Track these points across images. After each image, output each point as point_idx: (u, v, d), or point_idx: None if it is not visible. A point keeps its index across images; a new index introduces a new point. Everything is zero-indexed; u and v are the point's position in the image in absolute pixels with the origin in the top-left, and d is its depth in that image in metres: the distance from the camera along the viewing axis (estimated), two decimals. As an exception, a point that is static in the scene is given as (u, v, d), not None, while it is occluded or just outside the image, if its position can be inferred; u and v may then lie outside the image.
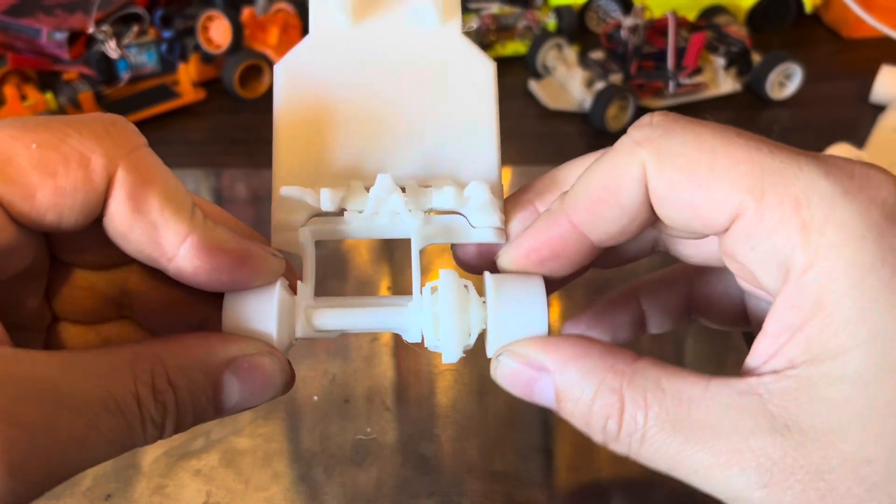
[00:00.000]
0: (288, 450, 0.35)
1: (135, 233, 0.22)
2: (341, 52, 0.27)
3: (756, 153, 0.22)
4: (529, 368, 0.24)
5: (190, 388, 0.22)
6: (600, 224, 0.25)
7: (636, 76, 0.61)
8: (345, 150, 0.26)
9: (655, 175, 0.23)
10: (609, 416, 0.23)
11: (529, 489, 0.34)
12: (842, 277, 0.20)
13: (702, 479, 0.22)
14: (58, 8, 0.66)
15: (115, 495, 0.34)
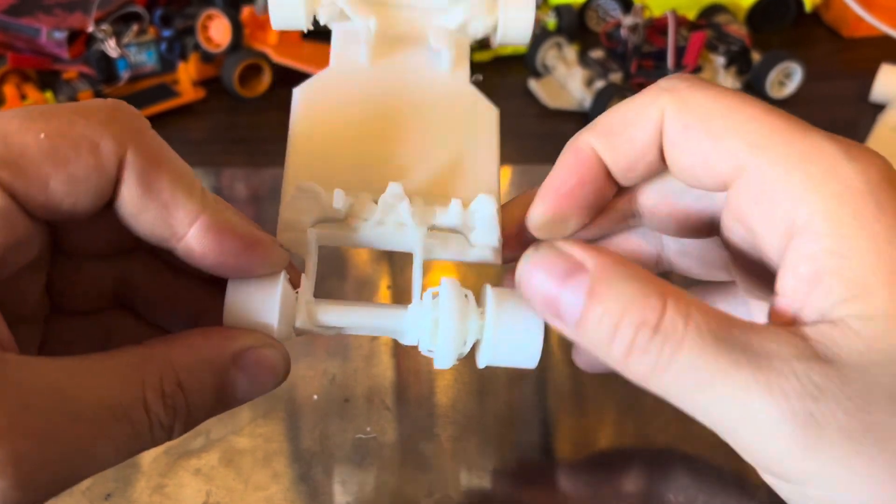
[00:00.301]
0: (288, 449, 0.36)
1: (147, 214, 0.22)
2: (358, 83, 0.29)
3: (768, 115, 0.23)
4: (566, 266, 0.22)
5: (199, 388, 0.22)
6: (612, 154, 0.25)
7: (636, 75, 0.61)
8: (355, 166, 0.27)
9: (672, 118, 0.24)
10: (646, 320, 0.21)
11: (529, 488, 0.34)
12: (852, 224, 0.21)
13: (734, 406, 0.20)
14: (57, 7, 0.66)
15: (115, 495, 0.34)
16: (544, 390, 0.38)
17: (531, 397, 0.38)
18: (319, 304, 0.25)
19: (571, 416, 0.37)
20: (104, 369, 0.20)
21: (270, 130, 0.61)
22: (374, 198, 0.26)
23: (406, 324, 0.25)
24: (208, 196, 0.23)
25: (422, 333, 0.25)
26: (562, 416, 0.37)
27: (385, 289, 0.45)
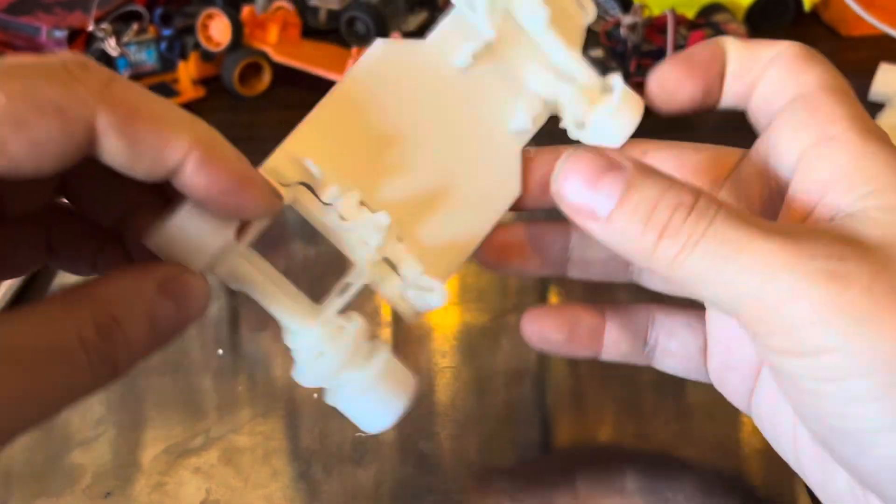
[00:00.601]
0: (287, 448, 0.36)
1: (139, 164, 0.21)
2: (431, 77, 0.28)
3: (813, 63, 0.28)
4: (604, 159, 0.23)
5: (131, 318, 0.22)
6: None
7: (635, 74, 0.61)
8: (367, 158, 0.27)
9: (735, 49, 0.27)
10: (680, 203, 0.22)
11: (529, 486, 0.34)
12: (881, 135, 0.23)
13: (760, 271, 0.21)
14: (57, 6, 0.66)
15: (115, 493, 0.34)
16: (543, 389, 0.38)
17: (530, 396, 0.38)
18: (249, 259, 0.25)
19: (570, 415, 0.37)
20: (36, 316, 0.20)
21: (270, 129, 0.61)
22: (361, 198, 0.26)
23: (300, 333, 0.26)
24: (200, 128, 0.22)
25: (306, 352, 0.26)
26: (561, 414, 0.37)
27: (384, 287, 0.45)
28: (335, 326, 0.26)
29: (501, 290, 0.45)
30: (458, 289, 0.45)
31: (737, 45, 0.27)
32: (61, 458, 0.35)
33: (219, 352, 0.40)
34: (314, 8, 0.73)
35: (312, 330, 0.26)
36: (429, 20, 0.77)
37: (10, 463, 0.35)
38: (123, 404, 0.38)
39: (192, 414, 0.37)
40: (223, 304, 0.44)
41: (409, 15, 0.76)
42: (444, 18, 0.27)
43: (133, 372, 0.40)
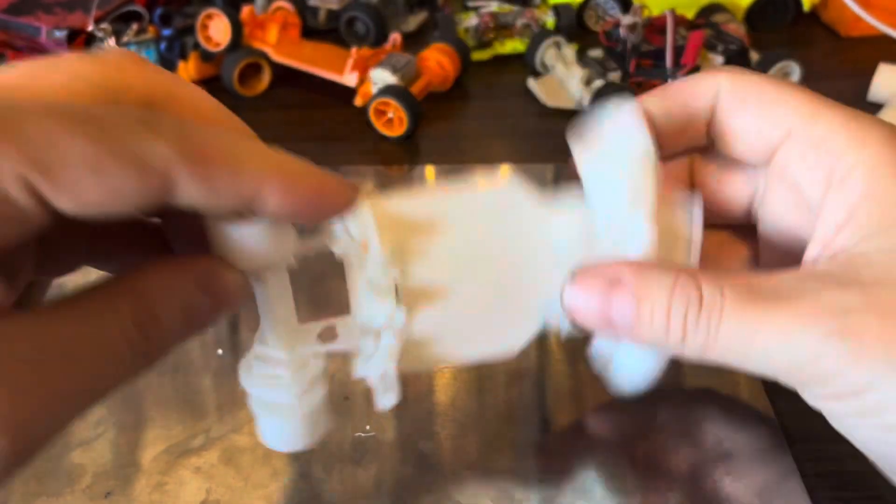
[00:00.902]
0: (287, 447, 0.36)
1: (215, 204, 0.22)
2: (528, 221, 0.29)
3: (812, 94, 0.27)
4: (606, 284, 0.25)
5: (170, 313, 0.22)
6: (666, 117, 0.28)
7: (635, 74, 0.61)
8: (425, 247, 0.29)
9: (728, 92, 0.28)
10: (690, 300, 0.24)
11: (529, 486, 0.34)
12: (885, 171, 0.24)
13: (782, 343, 0.23)
14: (57, 6, 0.66)
15: (115, 493, 0.34)
16: (543, 389, 0.38)
17: (530, 396, 0.38)
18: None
19: (571, 415, 0.37)
20: (80, 310, 0.21)
21: (270, 129, 0.61)
22: (396, 284, 0.28)
23: (271, 347, 0.28)
24: (269, 157, 0.23)
25: (265, 365, 0.28)
26: (561, 414, 0.37)
27: (384, 287, 0.45)
28: (301, 361, 0.28)
29: (501, 290, 0.45)
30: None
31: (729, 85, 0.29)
32: (61, 458, 0.35)
33: (218, 352, 0.41)
34: (314, 8, 0.73)
35: (282, 352, 0.28)
36: (428, 20, 0.77)
37: (11, 463, 0.35)
38: (123, 404, 0.38)
39: (192, 414, 0.37)
40: (223, 304, 0.44)
41: (408, 15, 0.76)
42: (570, 196, 0.29)
43: (133, 372, 0.40)
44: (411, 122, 0.58)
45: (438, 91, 0.65)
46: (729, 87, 0.28)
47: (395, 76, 0.60)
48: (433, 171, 0.55)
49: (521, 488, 0.34)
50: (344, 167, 0.55)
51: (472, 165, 0.56)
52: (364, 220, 0.27)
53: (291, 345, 0.28)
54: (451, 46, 0.65)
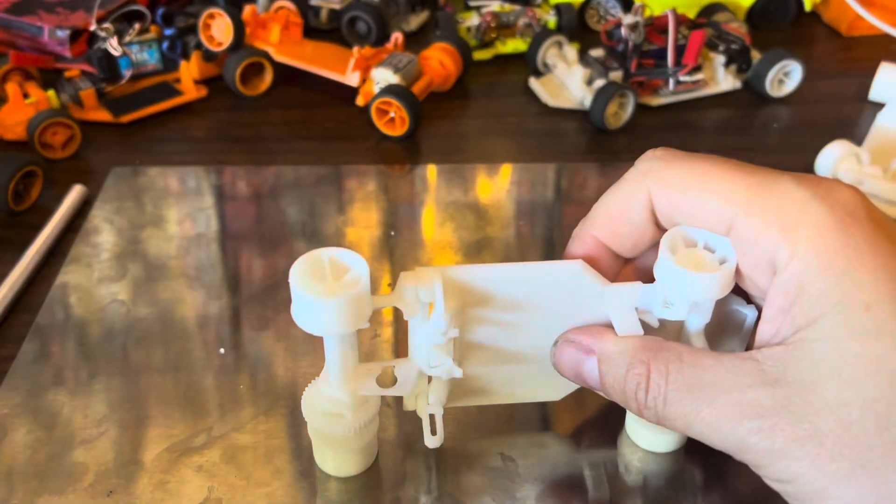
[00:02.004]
0: (289, 446, 0.36)
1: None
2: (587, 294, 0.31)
3: (740, 174, 0.27)
4: (579, 350, 0.30)
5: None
6: (619, 238, 0.31)
7: (636, 74, 0.61)
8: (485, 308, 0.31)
9: (658, 196, 0.29)
10: (639, 384, 0.28)
11: (529, 486, 0.34)
12: (815, 263, 0.25)
13: (713, 432, 0.26)
14: (59, 6, 0.66)
15: (117, 491, 0.34)
16: (544, 387, 0.38)
17: (531, 394, 0.38)
18: None
19: (571, 415, 0.37)
20: None
21: (272, 129, 0.61)
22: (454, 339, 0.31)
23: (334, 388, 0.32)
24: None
25: (329, 403, 0.32)
26: (562, 414, 0.37)
27: (386, 286, 0.45)
28: (361, 400, 0.32)
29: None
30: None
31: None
32: (63, 457, 0.35)
33: (220, 350, 0.41)
34: (316, 7, 0.73)
35: (346, 395, 0.32)
36: (430, 20, 0.77)
37: (12, 461, 0.35)
38: (125, 403, 0.38)
39: (194, 412, 0.37)
40: (224, 303, 0.44)
41: (410, 14, 0.76)
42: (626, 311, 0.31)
43: (134, 371, 0.40)
44: (413, 122, 0.58)
45: (440, 90, 0.65)
46: (658, 192, 0.29)
47: (397, 76, 0.60)
48: (434, 170, 0.55)
49: (521, 488, 0.34)
50: (345, 166, 0.56)
51: (473, 165, 0.56)
52: (433, 287, 0.29)
53: (354, 388, 0.31)
54: (453, 46, 0.65)
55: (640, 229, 0.30)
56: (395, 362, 0.32)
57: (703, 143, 0.59)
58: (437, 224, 0.50)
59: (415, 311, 0.30)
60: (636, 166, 0.30)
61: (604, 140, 0.59)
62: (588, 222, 0.32)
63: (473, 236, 0.49)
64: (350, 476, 0.34)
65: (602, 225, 0.31)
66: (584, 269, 0.30)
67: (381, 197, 0.53)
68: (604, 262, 0.31)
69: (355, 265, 0.29)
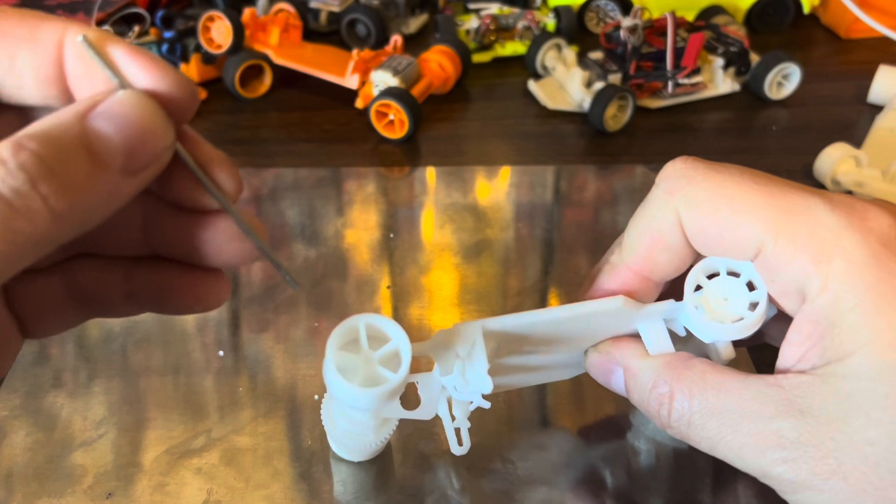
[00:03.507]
0: (288, 448, 0.36)
1: (18, 60, 0.21)
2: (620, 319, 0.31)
3: (769, 196, 0.26)
4: (609, 362, 0.31)
5: (50, 143, 0.19)
6: (658, 266, 0.29)
7: (635, 76, 0.61)
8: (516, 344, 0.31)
9: (687, 219, 0.28)
10: (662, 404, 0.28)
11: (529, 487, 0.34)
12: (848, 297, 0.24)
13: (736, 457, 0.26)
14: (59, 8, 0.66)
15: (116, 493, 0.34)
16: (544, 389, 0.38)
17: (531, 397, 0.38)
18: None
19: (571, 416, 0.37)
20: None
21: (271, 131, 0.61)
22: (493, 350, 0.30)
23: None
24: (67, 20, 0.21)
25: (355, 425, 0.32)
26: (561, 415, 0.37)
27: (385, 289, 0.45)
28: (384, 420, 0.32)
29: (501, 291, 0.45)
30: (458, 290, 0.45)
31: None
32: (63, 459, 0.35)
33: (220, 353, 0.41)
34: (315, 10, 0.73)
35: (370, 419, 0.32)
36: (429, 22, 0.77)
37: (12, 464, 0.35)
38: (125, 405, 0.38)
39: (193, 415, 0.37)
40: (224, 305, 0.44)
41: (409, 17, 0.76)
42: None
43: (134, 373, 0.40)
44: (412, 124, 0.58)
45: (439, 93, 0.65)
46: (688, 216, 0.28)
47: (396, 78, 0.60)
48: (434, 172, 0.56)
49: (521, 488, 0.34)
50: (345, 169, 0.56)
51: (472, 167, 0.56)
52: (472, 345, 0.29)
53: (378, 411, 0.31)
54: (452, 48, 0.65)
55: (680, 254, 0.29)
56: (419, 377, 0.31)
57: (702, 146, 0.59)
58: (437, 226, 0.50)
59: (450, 370, 0.30)
60: (659, 185, 0.29)
61: (603, 142, 0.59)
62: (622, 255, 0.30)
63: (472, 238, 0.49)
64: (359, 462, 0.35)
65: (639, 257, 0.30)
66: (626, 303, 0.29)
67: (381, 199, 0.53)
68: (644, 292, 0.30)
69: (394, 335, 0.28)
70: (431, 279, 0.46)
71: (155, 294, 0.25)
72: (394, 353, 0.28)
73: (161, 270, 0.25)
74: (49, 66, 0.21)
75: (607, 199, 0.53)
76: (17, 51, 0.21)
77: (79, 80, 0.21)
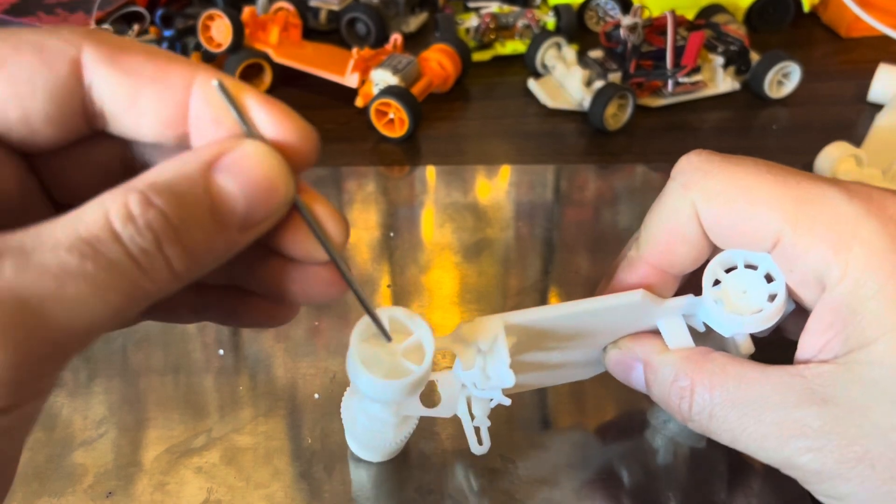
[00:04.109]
0: (289, 447, 0.36)
1: (143, 98, 0.19)
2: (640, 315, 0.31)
3: (785, 186, 0.26)
4: (629, 358, 0.31)
5: (176, 201, 0.18)
6: (676, 260, 0.29)
7: (635, 75, 0.61)
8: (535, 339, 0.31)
9: (704, 212, 0.28)
10: (682, 397, 0.28)
11: (529, 486, 0.34)
12: (869, 284, 0.24)
13: (759, 448, 0.26)
14: (58, 7, 0.66)
15: (117, 493, 0.34)
16: (544, 389, 0.38)
17: (531, 396, 0.38)
18: None
19: (571, 416, 0.37)
20: (64, 218, 0.18)
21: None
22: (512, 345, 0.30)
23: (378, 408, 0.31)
24: (191, 60, 0.21)
25: (373, 421, 0.32)
26: (561, 415, 0.37)
27: (385, 288, 0.45)
28: (403, 418, 0.32)
29: (501, 291, 0.45)
30: (459, 289, 0.45)
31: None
32: (63, 459, 0.35)
33: (220, 352, 0.41)
34: (315, 9, 0.73)
35: (391, 416, 0.31)
36: (429, 21, 0.77)
37: (13, 463, 0.35)
38: (125, 404, 0.38)
39: (193, 414, 0.37)
40: (224, 304, 0.44)
41: (409, 16, 0.76)
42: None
43: (134, 372, 0.40)
44: (412, 123, 0.58)
45: (439, 92, 0.65)
46: (704, 207, 0.28)
47: (396, 77, 0.60)
48: (434, 171, 0.55)
49: (521, 488, 0.34)
50: (345, 168, 0.56)
51: (472, 166, 0.56)
52: (494, 339, 0.29)
53: (397, 409, 0.31)
54: (452, 47, 0.65)
55: (698, 247, 0.29)
56: (438, 376, 0.32)
57: (703, 145, 0.58)
58: (437, 225, 0.50)
59: (471, 364, 0.30)
60: (675, 179, 0.29)
61: (603, 141, 0.59)
62: (640, 249, 0.30)
63: (472, 237, 0.49)
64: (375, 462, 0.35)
65: (657, 251, 0.30)
66: (645, 297, 0.29)
67: (381, 198, 0.53)
68: (663, 287, 0.30)
69: (417, 329, 0.28)
70: (432, 278, 0.46)
71: (224, 313, 0.25)
72: (417, 346, 0.28)
73: (236, 294, 0.24)
74: (173, 109, 0.20)
75: (607, 198, 0.53)
76: (141, 89, 0.20)
77: (201, 123, 0.20)
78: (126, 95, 0.20)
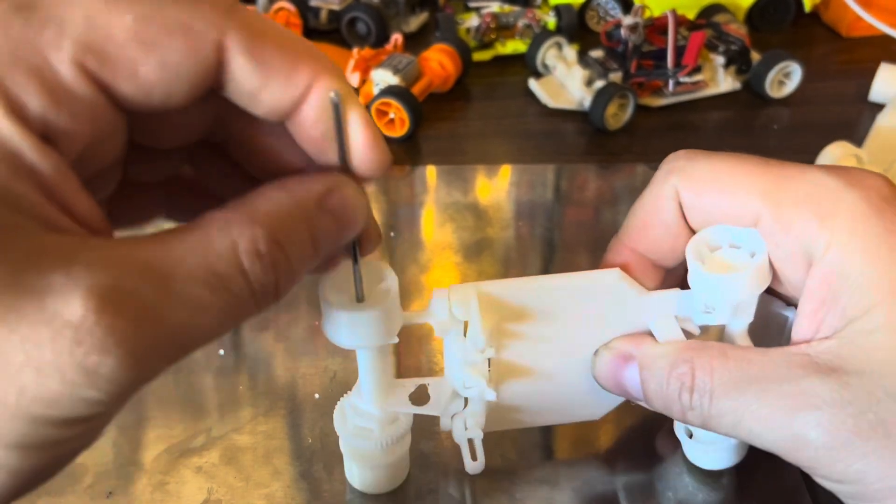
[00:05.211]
0: (289, 447, 0.36)
1: (267, 90, 0.20)
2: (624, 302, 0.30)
3: (766, 167, 0.27)
4: (620, 357, 0.29)
5: (294, 239, 0.20)
6: (653, 243, 0.29)
7: (636, 75, 0.61)
8: (520, 329, 0.30)
9: (685, 190, 0.28)
10: (683, 384, 0.26)
11: (529, 486, 0.34)
12: (858, 250, 0.24)
13: (764, 429, 0.25)
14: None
15: (116, 492, 0.34)
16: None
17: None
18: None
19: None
20: (193, 241, 0.19)
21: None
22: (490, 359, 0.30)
23: (366, 404, 0.31)
24: (326, 60, 0.21)
25: (359, 418, 0.31)
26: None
27: (385, 287, 0.45)
28: (392, 416, 0.31)
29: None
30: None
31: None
32: (63, 458, 0.35)
33: (220, 351, 0.41)
34: (315, 8, 0.73)
35: (376, 409, 0.31)
36: (430, 21, 0.77)
37: (12, 462, 0.35)
38: (125, 404, 0.38)
39: (193, 413, 0.37)
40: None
41: (410, 15, 0.76)
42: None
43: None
44: (412, 123, 0.58)
45: (439, 91, 0.65)
46: (684, 186, 0.28)
47: (397, 77, 0.60)
48: (434, 171, 0.55)
49: (521, 488, 0.34)
50: (345, 167, 0.55)
51: (473, 166, 0.56)
52: (468, 304, 0.29)
53: (385, 403, 0.31)
54: (453, 47, 0.65)
55: (674, 230, 0.29)
56: (430, 380, 0.32)
57: (703, 144, 0.59)
58: (437, 225, 0.50)
59: (446, 329, 0.29)
60: (661, 167, 0.29)
61: (603, 141, 0.59)
62: (621, 232, 0.31)
63: (473, 237, 0.49)
64: (377, 493, 0.34)
65: (635, 233, 0.30)
66: (622, 278, 0.29)
67: (381, 198, 0.53)
68: (642, 273, 0.30)
69: (385, 277, 0.28)
70: (432, 278, 0.46)
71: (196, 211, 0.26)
72: (386, 292, 0.28)
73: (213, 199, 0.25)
74: (289, 105, 0.21)
75: (608, 197, 0.53)
76: (269, 82, 0.20)
77: (305, 119, 0.21)
78: (254, 84, 0.20)
